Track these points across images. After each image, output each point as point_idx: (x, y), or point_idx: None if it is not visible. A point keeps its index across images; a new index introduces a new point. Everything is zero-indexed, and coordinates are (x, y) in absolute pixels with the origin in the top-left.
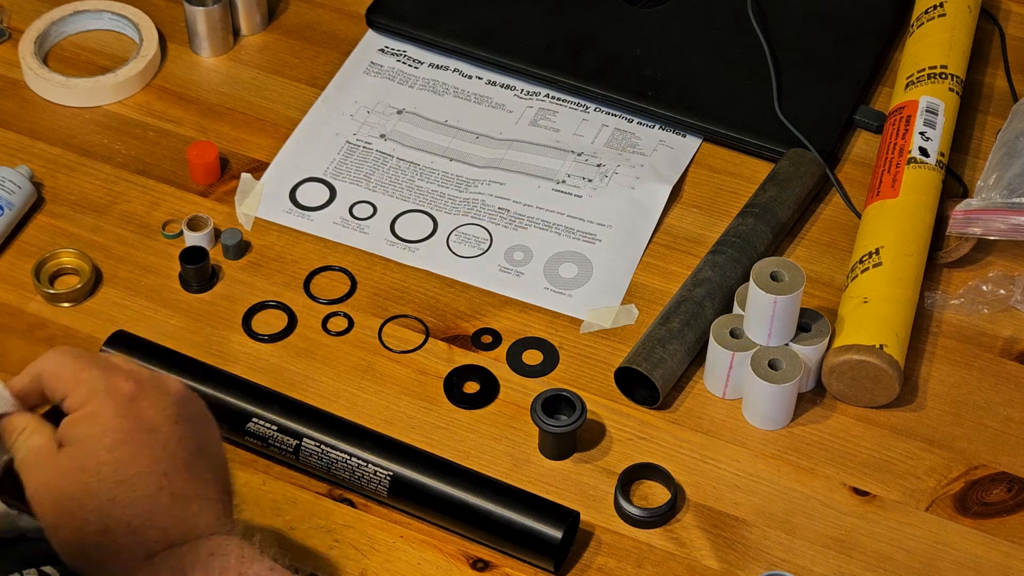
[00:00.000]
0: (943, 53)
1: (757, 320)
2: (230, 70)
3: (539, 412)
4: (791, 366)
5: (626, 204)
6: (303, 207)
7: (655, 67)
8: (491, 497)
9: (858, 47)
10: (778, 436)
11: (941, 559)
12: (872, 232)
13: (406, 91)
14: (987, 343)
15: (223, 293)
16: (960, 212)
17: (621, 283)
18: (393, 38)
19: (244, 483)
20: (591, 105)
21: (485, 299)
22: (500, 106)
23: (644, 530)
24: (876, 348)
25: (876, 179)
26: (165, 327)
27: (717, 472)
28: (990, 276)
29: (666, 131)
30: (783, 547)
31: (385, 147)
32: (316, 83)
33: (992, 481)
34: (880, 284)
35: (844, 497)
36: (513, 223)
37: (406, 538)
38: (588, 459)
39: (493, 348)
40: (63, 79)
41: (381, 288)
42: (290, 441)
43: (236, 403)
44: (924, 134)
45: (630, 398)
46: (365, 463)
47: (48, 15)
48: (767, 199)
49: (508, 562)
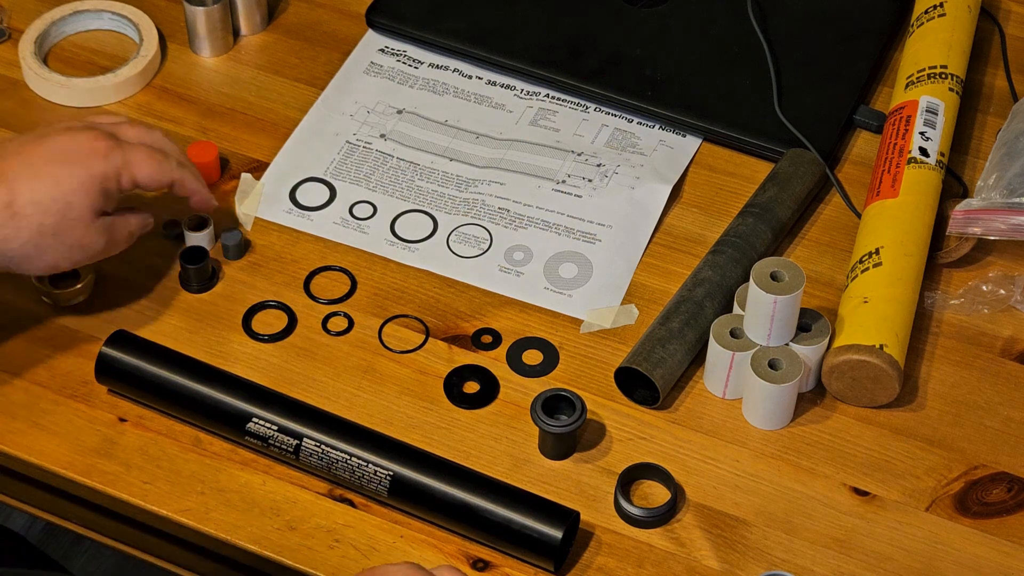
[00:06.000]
0: (943, 53)
1: (757, 320)
2: (230, 70)
3: (539, 412)
4: (791, 366)
5: (626, 204)
6: (303, 207)
7: (655, 67)
8: (491, 497)
9: (858, 47)
10: (778, 436)
11: (941, 559)
12: (872, 232)
13: (406, 91)
14: (987, 343)
15: (223, 293)
16: (960, 212)
17: (621, 283)
18: (393, 38)
19: (244, 483)
20: (591, 105)
21: (485, 299)
22: (500, 106)
23: (644, 530)
24: (876, 348)
25: (876, 179)
26: (165, 327)
27: (717, 472)
28: (990, 276)
29: (666, 131)
30: (783, 547)
31: (385, 147)
32: (316, 83)
33: (992, 481)
34: (880, 284)
35: (844, 497)
36: (513, 223)
37: (406, 538)
38: (588, 459)
39: (493, 348)
40: (63, 79)
41: (381, 288)
42: (290, 441)
43: (236, 403)
44: (924, 134)
45: (630, 398)
46: (365, 463)
47: (48, 15)
48: (767, 199)
49: (508, 562)
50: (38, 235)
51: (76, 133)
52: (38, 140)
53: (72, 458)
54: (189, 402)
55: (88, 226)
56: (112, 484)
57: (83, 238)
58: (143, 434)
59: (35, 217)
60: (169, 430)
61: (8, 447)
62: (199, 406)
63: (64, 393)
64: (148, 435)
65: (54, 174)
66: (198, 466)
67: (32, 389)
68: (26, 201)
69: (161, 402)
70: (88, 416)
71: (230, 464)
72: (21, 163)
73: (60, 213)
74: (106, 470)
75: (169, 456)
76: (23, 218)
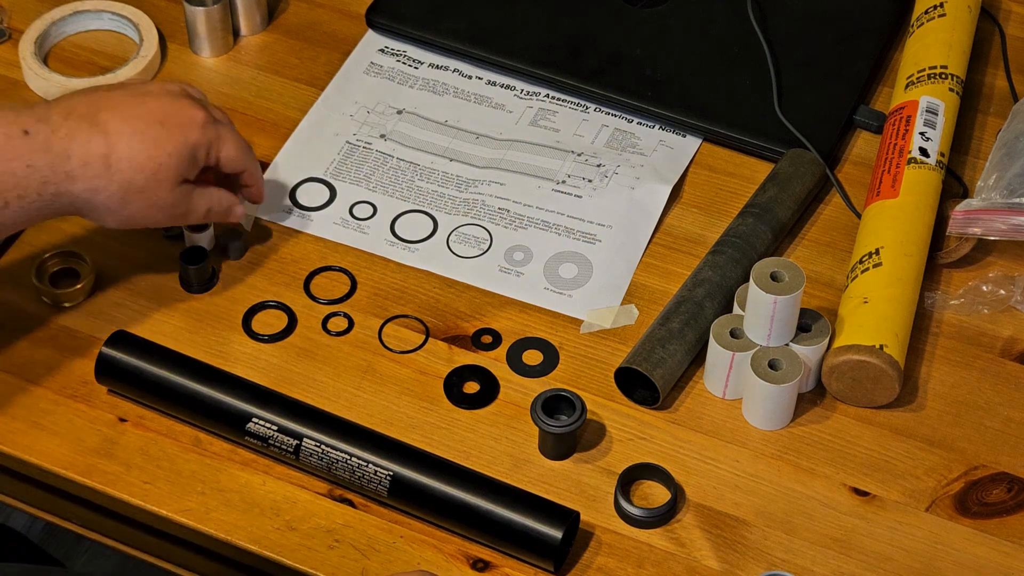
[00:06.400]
0: (943, 53)
1: (757, 320)
2: (230, 70)
3: (539, 412)
4: (791, 366)
5: (626, 204)
6: (303, 207)
7: (655, 67)
8: (491, 497)
9: (858, 47)
10: (778, 436)
11: (941, 559)
12: (872, 232)
13: (406, 91)
14: (987, 343)
15: (223, 293)
16: (960, 212)
17: (621, 283)
18: (393, 38)
19: (244, 483)
20: (591, 105)
21: (485, 299)
22: (500, 106)
23: (644, 530)
24: (876, 348)
25: (876, 179)
26: (165, 327)
27: (717, 472)
28: (990, 276)
29: (666, 131)
30: (783, 547)
31: (385, 147)
32: (316, 83)
33: (992, 481)
34: (880, 284)
35: (844, 497)
36: (513, 223)
37: (406, 538)
38: (588, 459)
39: (493, 348)
40: (63, 79)
41: (381, 288)
42: (290, 441)
43: (236, 403)
44: (924, 134)
45: (630, 398)
46: (365, 463)
47: (48, 15)
48: (767, 199)
49: (508, 562)
50: (126, 189)
51: (176, 98)
52: (138, 97)
53: (72, 458)
54: (189, 402)
55: (172, 189)
56: (112, 484)
57: (166, 198)
58: (143, 434)
59: (128, 172)
60: (169, 430)
61: (8, 447)
62: (199, 406)
63: (64, 393)
64: (148, 435)
65: (153, 134)
66: (198, 466)
67: (32, 389)
68: (122, 156)
69: (161, 402)
70: (88, 416)
71: (230, 464)
72: (122, 118)
73: (151, 172)
74: (106, 470)
75: (169, 456)
76: (116, 172)
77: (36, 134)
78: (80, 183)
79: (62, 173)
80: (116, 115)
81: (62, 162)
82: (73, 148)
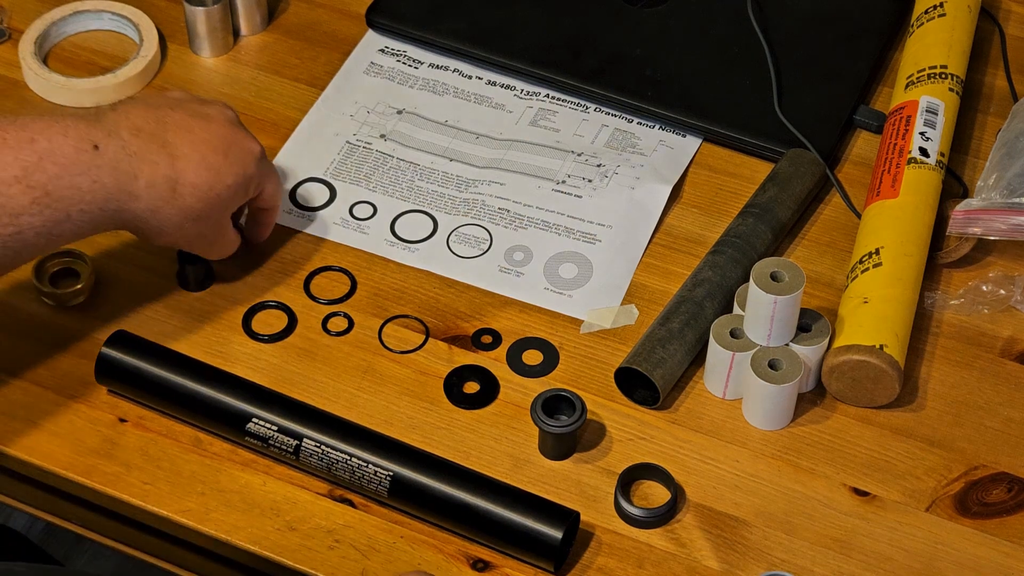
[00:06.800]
0: (943, 53)
1: (757, 320)
2: (230, 70)
3: (539, 412)
4: (791, 366)
5: (626, 204)
6: (303, 207)
7: (655, 67)
8: (491, 497)
9: (858, 47)
10: (778, 436)
11: (941, 559)
12: (872, 232)
13: (406, 91)
14: (987, 343)
15: (223, 293)
16: (960, 212)
17: (621, 283)
18: (393, 38)
19: (244, 484)
20: (591, 105)
21: (485, 299)
22: (500, 106)
23: (644, 530)
24: (876, 348)
25: (876, 179)
26: (165, 327)
27: (717, 472)
28: (990, 276)
29: (666, 131)
30: (783, 547)
31: (385, 147)
32: (316, 83)
33: (992, 481)
34: (880, 284)
35: (844, 497)
36: (513, 223)
37: (406, 538)
38: (588, 459)
39: (493, 348)
40: (63, 79)
41: (381, 288)
42: (290, 441)
43: (236, 403)
44: (924, 134)
45: (630, 398)
46: (365, 463)
47: (48, 15)
48: (767, 199)
49: (508, 562)
50: (184, 215)
51: (235, 127)
52: (201, 120)
53: (72, 458)
54: (189, 402)
55: (219, 219)
56: (112, 485)
57: (213, 228)
58: (143, 434)
59: (189, 199)
60: (169, 430)
61: (8, 447)
62: (199, 406)
63: (64, 393)
64: (148, 435)
65: (217, 165)
66: (198, 466)
67: (32, 389)
68: (188, 181)
69: (161, 402)
70: (88, 416)
71: (230, 464)
72: (189, 142)
73: (210, 202)
74: (106, 470)
75: (169, 456)
76: (179, 197)
77: (106, 149)
78: (143, 203)
79: (127, 192)
80: (184, 138)
81: (129, 181)
82: (142, 168)
